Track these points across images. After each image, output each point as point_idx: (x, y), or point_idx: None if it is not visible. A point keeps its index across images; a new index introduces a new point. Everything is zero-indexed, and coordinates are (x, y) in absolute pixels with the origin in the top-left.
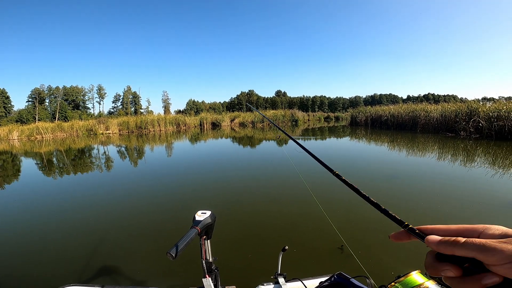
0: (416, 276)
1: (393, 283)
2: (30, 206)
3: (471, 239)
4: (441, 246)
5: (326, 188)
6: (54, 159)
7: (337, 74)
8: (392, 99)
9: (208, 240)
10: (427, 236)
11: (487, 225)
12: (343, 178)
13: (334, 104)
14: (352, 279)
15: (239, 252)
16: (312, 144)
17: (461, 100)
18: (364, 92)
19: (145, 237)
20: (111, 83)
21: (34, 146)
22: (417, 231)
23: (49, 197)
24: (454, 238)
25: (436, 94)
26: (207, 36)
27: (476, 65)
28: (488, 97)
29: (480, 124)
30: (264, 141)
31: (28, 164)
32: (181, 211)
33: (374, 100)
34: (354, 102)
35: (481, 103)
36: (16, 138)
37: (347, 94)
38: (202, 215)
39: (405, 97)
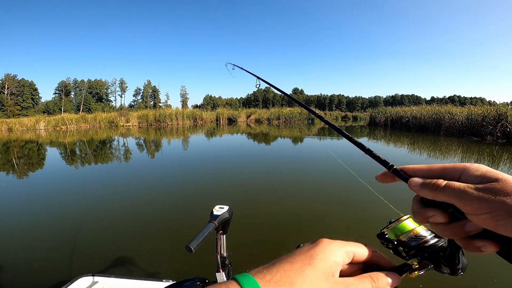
0: (408, 222)
1: (385, 229)
2: (47, 195)
3: (451, 182)
4: (423, 189)
5: (332, 189)
6: (77, 149)
7: (356, 73)
8: (415, 100)
9: (224, 235)
10: (411, 179)
11: (467, 164)
12: (325, 119)
13: (352, 104)
14: None
15: (251, 247)
16: (327, 143)
17: (489, 103)
18: (385, 92)
19: (159, 229)
20: (132, 77)
21: (59, 136)
22: (401, 172)
23: (67, 187)
24: (435, 180)
25: (462, 96)
26: (226, 33)
27: (507, 67)
28: None
29: (508, 129)
30: (279, 138)
31: (52, 153)
32: (196, 205)
33: (395, 100)
34: (373, 102)
35: (509, 106)
36: (42, 128)
37: (367, 94)
38: (219, 210)
39: (428, 98)
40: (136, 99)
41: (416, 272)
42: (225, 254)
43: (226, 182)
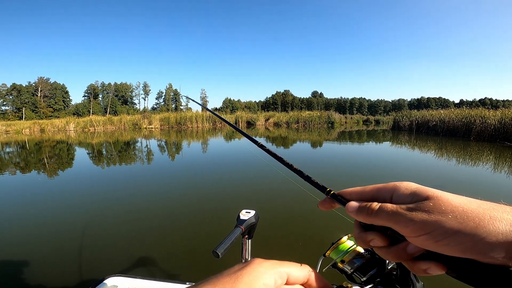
0: (348, 242)
1: (329, 251)
2: (74, 196)
3: (384, 205)
4: (360, 214)
5: None
6: (103, 150)
7: (378, 75)
8: (442, 103)
9: (249, 240)
10: (348, 203)
11: (397, 184)
12: (266, 148)
13: (374, 107)
14: None
15: (275, 253)
16: (348, 147)
17: None
18: (409, 95)
19: (180, 231)
20: (155, 81)
21: (87, 137)
22: (339, 197)
23: (93, 188)
24: (369, 204)
25: (494, 99)
26: (245, 36)
27: None
28: None
29: None
30: (298, 141)
31: (80, 154)
32: (216, 208)
33: (420, 103)
34: (397, 105)
35: None
36: (72, 129)
37: (390, 97)
38: (246, 214)
39: (457, 101)
40: (158, 102)
41: None
42: (249, 259)
43: (245, 185)
